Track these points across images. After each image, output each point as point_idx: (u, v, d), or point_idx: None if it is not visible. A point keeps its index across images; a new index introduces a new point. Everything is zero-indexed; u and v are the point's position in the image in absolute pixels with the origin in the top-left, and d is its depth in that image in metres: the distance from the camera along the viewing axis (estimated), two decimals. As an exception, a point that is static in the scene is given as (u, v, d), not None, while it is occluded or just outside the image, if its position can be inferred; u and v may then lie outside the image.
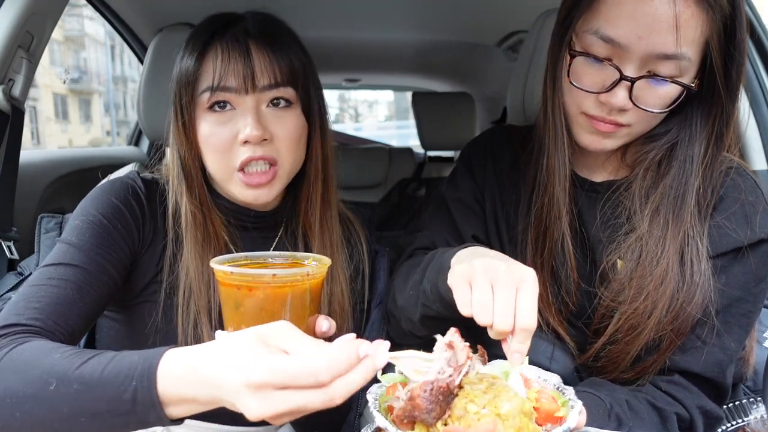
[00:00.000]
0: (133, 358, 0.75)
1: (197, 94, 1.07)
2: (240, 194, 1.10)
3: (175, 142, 1.11)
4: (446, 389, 0.71)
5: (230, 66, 1.05)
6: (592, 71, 0.98)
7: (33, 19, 1.38)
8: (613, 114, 0.98)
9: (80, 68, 28.24)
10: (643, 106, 0.97)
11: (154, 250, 1.10)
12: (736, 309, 1.02)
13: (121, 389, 0.72)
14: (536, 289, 0.80)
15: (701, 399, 1.03)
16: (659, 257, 1.01)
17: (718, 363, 1.02)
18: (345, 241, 1.26)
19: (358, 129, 17.99)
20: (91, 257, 0.99)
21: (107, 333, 1.15)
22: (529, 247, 1.15)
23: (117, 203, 1.06)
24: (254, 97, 1.06)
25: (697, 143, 1.03)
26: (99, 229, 1.02)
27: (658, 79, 0.95)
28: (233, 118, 1.06)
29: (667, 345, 1.02)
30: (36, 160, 1.91)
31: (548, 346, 1.12)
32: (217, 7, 1.16)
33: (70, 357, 0.77)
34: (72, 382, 0.74)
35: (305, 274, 0.84)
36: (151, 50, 1.81)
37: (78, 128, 28.25)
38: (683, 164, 1.03)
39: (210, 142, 1.07)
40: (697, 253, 1.00)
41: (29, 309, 0.89)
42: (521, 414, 0.72)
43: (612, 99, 0.96)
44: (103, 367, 0.75)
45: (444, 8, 2.24)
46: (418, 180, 3.27)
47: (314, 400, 0.66)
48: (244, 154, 1.05)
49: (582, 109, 1.01)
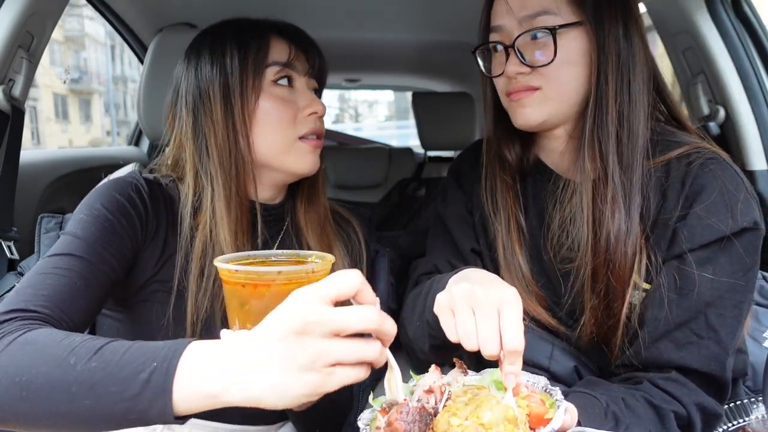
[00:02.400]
0: (158, 344, 0.74)
1: (262, 70, 1.13)
2: (297, 163, 1.16)
3: (215, 131, 1.11)
4: (422, 409, 0.74)
5: (299, 49, 1.18)
6: (496, 59, 1.14)
7: (33, 19, 1.38)
8: (518, 81, 1.10)
9: (80, 68, 28.25)
10: (535, 64, 1.08)
11: (154, 249, 1.10)
12: (727, 300, 1.03)
13: (139, 369, 0.71)
14: (518, 307, 0.81)
15: (699, 396, 1.02)
16: (581, 208, 1.09)
17: (715, 357, 1.02)
18: (342, 238, 1.27)
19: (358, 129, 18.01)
20: (96, 250, 0.99)
21: (107, 332, 1.15)
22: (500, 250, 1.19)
23: (121, 199, 1.07)
24: (307, 81, 1.19)
25: (605, 103, 1.07)
26: (104, 223, 1.02)
27: (532, 32, 1.07)
28: (294, 93, 1.17)
29: (618, 301, 1.06)
30: (36, 160, 1.91)
31: (547, 346, 1.12)
32: (217, 8, 1.17)
33: (92, 340, 0.76)
34: (91, 360, 0.73)
35: (310, 271, 0.84)
36: (151, 50, 1.82)
37: (78, 128, 28.25)
38: (598, 127, 1.09)
39: (275, 116, 1.13)
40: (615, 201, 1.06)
41: (37, 296, 0.89)
42: (505, 421, 0.74)
43: (508, 68, 1.09)
44: (126, 348, 0.74)
45: (444, 8, 2.24)
46: (418, 180, 3.26)
47: (367, 348, 0.68)
48: (310, 124, 1.16)
49: (504, 91, 1.13)
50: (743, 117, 1.53)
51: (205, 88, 1.12)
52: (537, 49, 1.08)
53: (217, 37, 1.15)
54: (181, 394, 0.69)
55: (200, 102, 1.12)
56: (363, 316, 0.69)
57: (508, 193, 1.20)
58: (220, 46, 1.13)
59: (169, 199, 1.15)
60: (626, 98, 1.07)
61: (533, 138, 1.22)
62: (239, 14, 1.21)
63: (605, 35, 1.07)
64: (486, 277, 0.94)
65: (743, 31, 1.56)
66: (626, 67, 1.07)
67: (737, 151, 1.54)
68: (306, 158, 1.16)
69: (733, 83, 1.53)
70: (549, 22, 1.06)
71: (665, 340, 1.04)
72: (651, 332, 1.05)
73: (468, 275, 0.95)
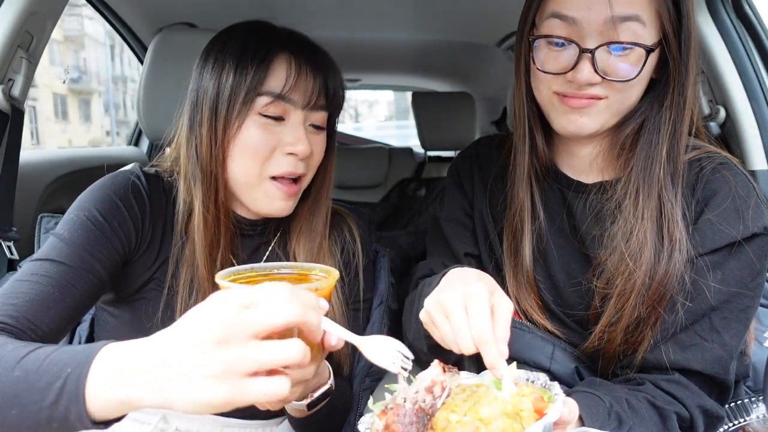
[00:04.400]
0: (77, 348, 0.72)
1: (253, 97, 1.05)
2: (263, 204, 1.10)
3: (201, 141, 1.08)
4: (419, 410, 0.74)
5: (299, 79, 1.07)
6: (556, 53, 1.02)
7: (33, 19, 1.38)
8: (584, 89, 1.01)
9: (80, 68, 28.23)
10: (610, 77, 0.99)
11: (153, 247, 1.10)
12: (734, 305, 1.02)
13: (55, 377, 0.69)
14: (479, 299, 0.82)
15: (702, 398, 1.02)
16: (636, 231, 1.03)
17: (718, 360, 1.02)
18: (336, 238, 1.25)
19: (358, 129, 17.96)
20: (79, 254, 0.98)
21: (105, 328, 1.15)
22: (505, 249, 1.17)
23: (116, 200, 1.05)
24: (305, 115, 1.09)
25: (662, 113, 1.04)
26: (92, 226, 1.01)
27: (617, 45, 0.97)
28: (280, 127, 1.08)
29: (653, 318, 1.03)
30: (36, 160, 1.91)
31: (548, 346, 1.12)
32: (217, 8, 1.16)
33: (21, 348, 0.75)
34: (14, 369, 0.72)
35: (314, 289, 0.81)
36: (151, 50, 1.81)
37: (78, 128, 28.23)
38: (650, 136, 1.05)
39: (251, 147, 1.06)
40: (673, 221, 1.02)
41: (5, 305, 0.88)
42: (504, 416, 0.74)
43: (578, 75, 0.99)
44: (47, 355, 0.72)
45: (444, 8, 2.24)
46: (418, 180, 3.27)
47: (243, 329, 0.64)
48: (285, 165, 1.07)
49: (554, 89, 1.04)
50: (743, 117, 1.53)
51: (201, 98, 1.09)
52: (618, 63, 0.99)
53: (225, 46, 1.10)
54: (96, 401, 0.67)
55: (195, 109, 1.10)
56: (280, 311, 0.65)
57: (527, 190, 1.15)
58: (222, 58, 1.08)
59: (170, 195, 1.14)
60: (681, 109, 1.04)
61: (554, 139, 1.17)
62: (239, 14, 1.20)
63: (689, 55, 1.01)
64: (462, 276, 0.94)
65: (744, 31, 1.56)
66: (690, 79, 1.04)
67: (738, 151, 1.54)
68: (274, 203, 1.10)
69: (733, 83, 1.53)
70: (637, 34, 0.98)
71: (669, 342, 1.03)
72: (657, 335, 1.04)
73: (450, 280, 0.95)
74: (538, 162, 1.15)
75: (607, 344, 1.08)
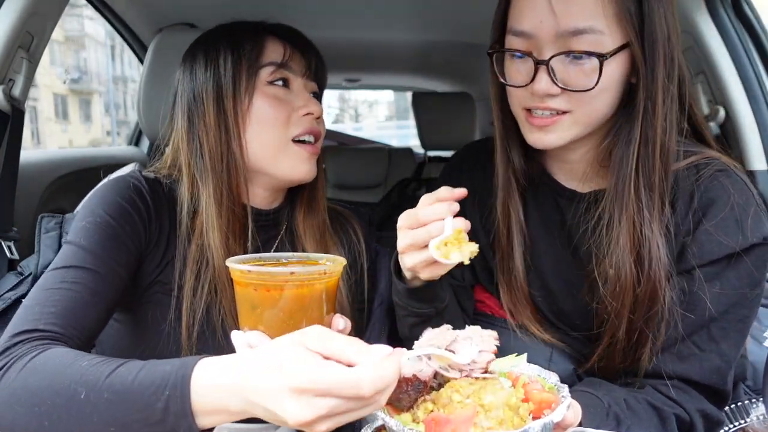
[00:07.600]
0: (165, 367, 0.75)
1: (256, 69, 1.12)
2: (291, 169, 1.14)
3: (207, 132, 1.10)
4: (414, 378, 0.78)
5: (294, 52, 1.16)
6: (517, 66, 1.02)
7: (33, 19, 1.38)
8: (545, 101, 0.99)
9: (80, 68, 28.24)
10: (570, 87, 0.97)
11: (157, 250, 1.10)
12: (732, 315, 1.01)
13: (153, 398, 0.72)
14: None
15: (701, 402, 1.02)
16: (612, 250, 1.02)
17: (716, 370, 1.01)
18: (341, 238, 1.26)
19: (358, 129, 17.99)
20: (102, 259, 0.99)
21: (107, 332, 1.14)
22: (497, 262, 1.16)
23: (123, 203, 1.06)
24: (305, 83, 1.18)
25: (632, 122, 1.01)
26: (107, 231, 1.02)
27: (572, 54, 0.96)
28: (289, 95, 1.15)
29: (643, 338, 1.03)
30: (36, 160, 1.91)
31: (546, 350, 1.13)
32: (217, 8, 1.17)
33: (98, 365, 0.77)
34: (102, 391, 0.74)
35: (322, 272, 0.83)
36: (151, 50, 1.82)
37: (78, 128, 28.23)
38: (621, 149, 1.02)
39: (269, 115, 1.11)
40: (649, 239, 0.99)
41: (45, 314, 0.89)
42: (505, 407, 0.75)
43: (536, 86, 0.98)
44: (134, 376, 0.75)
45: (444, 8, 2.24)
46: (418, 180, 3.26)
47: (355, 407, 0.67)
48: (305, 124, 1.14)
49: (522, 105, 1.03)
50: (743, 117, 1.52)
51: (199, 91, 1.11)
52: (576, 73, 0.96)
53: (212, 39, 1.15)
54: (202, 412, 0.72)
55: (194, 105, 1.12)
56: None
57: (513, 197, 1.14)
58: (215, 48, 1.13)
59: (171, 198, 1.14)
60: (651, 116, 0.99)
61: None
62: (239, 14, 1.21)
63: (656, 57, 0.96)
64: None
65: (743, 31, 1.56)
66: (672, 85, 1.00)
67: (737, 151, 1.54)
68: (301, 165, 1.14)
69: (733, 83, 1.53)
70: (594, 43, 0.95)
71: (668, 353, 1.03)
72: (656, 347, 1.03)
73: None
74: (522, 173, 1.14)
75: (606, 362, 1.07)
